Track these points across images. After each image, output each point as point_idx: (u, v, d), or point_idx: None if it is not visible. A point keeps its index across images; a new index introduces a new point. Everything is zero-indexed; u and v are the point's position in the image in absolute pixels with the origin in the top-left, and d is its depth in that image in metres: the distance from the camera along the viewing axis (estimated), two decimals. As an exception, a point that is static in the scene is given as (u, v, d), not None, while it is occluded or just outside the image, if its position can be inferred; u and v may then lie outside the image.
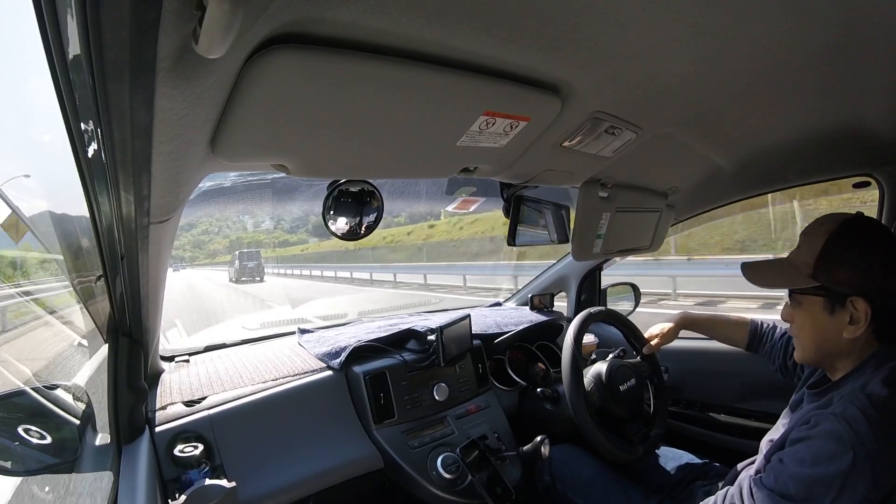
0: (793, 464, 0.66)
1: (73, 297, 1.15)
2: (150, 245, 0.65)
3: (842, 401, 0.67)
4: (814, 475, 0.63)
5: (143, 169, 0.48)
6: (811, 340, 0.77)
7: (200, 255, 31.43)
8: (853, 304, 0.71)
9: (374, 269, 15.01)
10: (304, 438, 1.07)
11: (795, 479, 0.64)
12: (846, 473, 0.61)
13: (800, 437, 0.68)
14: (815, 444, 0.65)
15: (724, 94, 0.75)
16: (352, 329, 1.44)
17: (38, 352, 1.39)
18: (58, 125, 0.45)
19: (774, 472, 0.67)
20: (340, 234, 0.83)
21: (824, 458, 0.63)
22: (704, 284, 6.49)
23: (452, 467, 1.10)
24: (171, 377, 1.14)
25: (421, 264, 14.71)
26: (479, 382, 1.35)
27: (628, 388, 1.19)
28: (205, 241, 33.22)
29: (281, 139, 0.57)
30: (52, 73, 0.39)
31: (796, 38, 0.58)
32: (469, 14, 0.45)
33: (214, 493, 0.80)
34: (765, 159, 1.11)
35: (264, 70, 0.43)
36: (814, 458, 0.64)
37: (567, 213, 1.20)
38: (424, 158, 0.75)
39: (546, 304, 1.79)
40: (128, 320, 0.81)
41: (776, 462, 0.69)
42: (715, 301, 6.28)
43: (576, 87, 0.64)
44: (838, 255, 0.72)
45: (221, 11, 0.28)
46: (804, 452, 0.65)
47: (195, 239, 33.22)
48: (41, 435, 0.71)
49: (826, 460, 0.62)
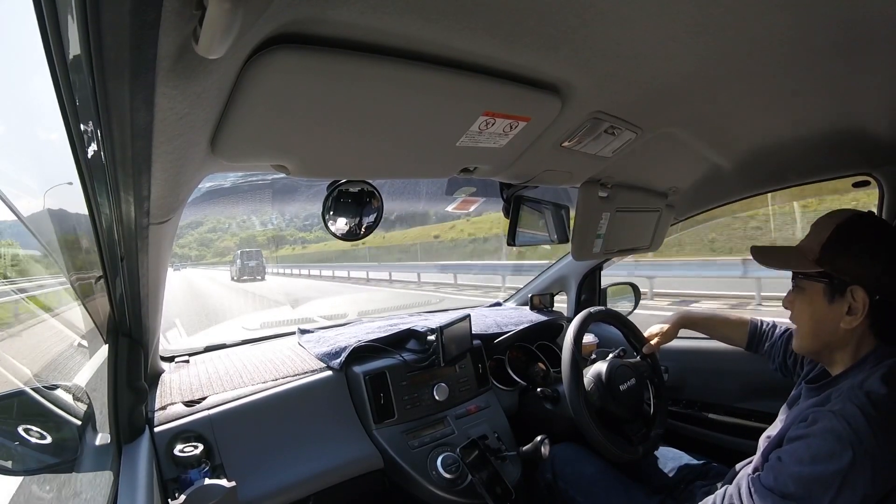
0: (792, 463, 0.66)
1: (72, 297, 1.15)
2: (150, 245, 0.65)
3: (840, 398, 0.67)
4: (813, 474, 0.63)
5: (143, 169, 0.48)
6: (809, 328, 0.78)
7: (209, 254, 31.05)
8: (852, 294, 0.72)
9: (394, 268, 14.82)
10: (305, 438, 1.07)
11: (795, 478, 0.64)
12: (846, 472, 0.61)
13: (798, 434, 0.68)
14: (815, 442, 0.65)
15: (723, 93, 0.75)
16: (352, 329, 1.44)
17: (38, 352, 1.39)
18: (58, 125, 0.45)
19: (773, 472, 0.67)
20: (340, 234, 0.83)
21: (823, 456, 0.63)
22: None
23: (452, 467, 1.10)
24: (171, 377, 1.14)
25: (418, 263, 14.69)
26: (479, 382, 1.35)
27: (628, 388, 1.19)
28: (212, 240, 32.84)
29: (281, 139, 0.57)
30: (52, 74, 0.39)
31: (796, 37, 0.58)
32: (469, 14, 0.45)
33: (214, 493, 0.80)
34: (765, 159, 1.11)
35: (264, 70, 0.43)
36: (813, 456, 0.64)
37: (567, 213, 1.20)
38: (424, 158, 0.75)
39: (546, 304, 1.79)
40: (128, 320, 0.81)
41: (775, 461, 0.69)
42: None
43: (576, 87, 0.64)
44: (843, 245, 0.74)
45: (221, 11, 0.28)
46: (803, 451, 0.65)
47: (202, 237, 32.91)
48: (41, 435, 0.71)
49: (825, 459, 0.62)
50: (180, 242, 32.14)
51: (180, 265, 23.95)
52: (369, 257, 18.73)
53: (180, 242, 32.14)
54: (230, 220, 29.67)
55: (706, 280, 6.62)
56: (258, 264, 15.81)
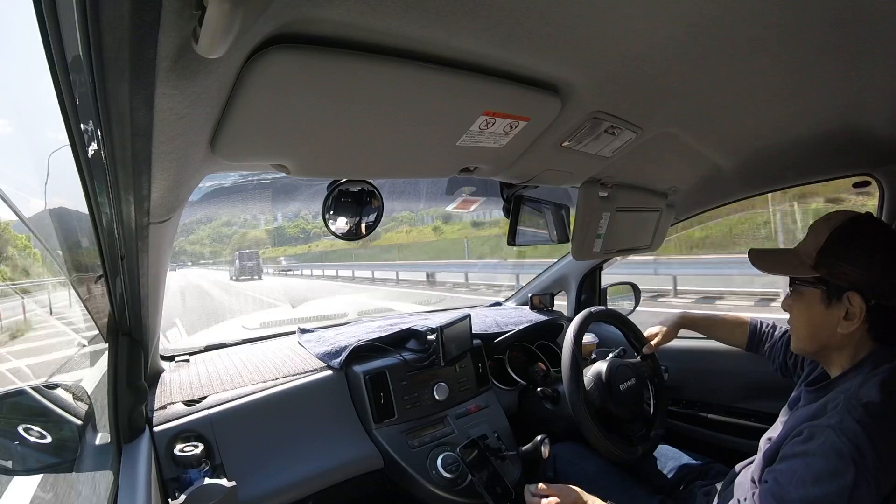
0: (794, 485, 0.64)
1: (72, 297, 1.15)
2: (151, 245, 0.65)
3: (837, 411, 0.66)
4: (817, 496, 0.62)
5: (143, 169, 0.48)
6: (806, 331, 0.78)
7: (225, 250, 30.24)
8: (849, 300, 0.71)
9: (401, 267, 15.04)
10: (305, 438, 1.07)
11: (800, 502, 0.63)
12: (851, 489, 0.60)
13: (795, 452, 0.67)
14: (815, 462, 0.63)
15: (723, 93, 0.74)
16: (352, 329, 1.44)
17: (38, 351, 1.39)
18: (58, 125, 0.45)
19: (774, 497, 0.66)
20: (340, 234, 0.83)
21: (826, 475, 0.62)
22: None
23: (452, 467, 1.10)
24: (171, 377, 1.14)
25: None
26: (479, 382, 1.35)
27: (628, 388, 1.19)
28: (228, 235, 32.22)
29: (281, 139, 0.57)
30: (52, 73, 0.39)
31: (796, 37, 0.58)
32: (469, 14, 0.45)
33: (214, 493, 0.80)
34: (765, 159, 1.11)
35: (264, 70, 0.43)
36: (815, 476, 0.63)
37: (567, 213, 1.20)
38: (424, 158, 0.75)
39: (546, 304, 1.79)
40: (128, 320, 0.81)
41: (773, 483, 0.67)
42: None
43: (576, 87, 0.64)
44: (840, 250, 0.73)
45: (221, 11, 0.28)
46: (803, 471, 0.64)
47: (215, 232, 32.30)
48: (41, 434, 0.71)
49: (828, 478, 0.62)
50: (190, 239, 31.82)
51: (177, 265, 23.68)
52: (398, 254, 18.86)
53: (190, 239, 31.82)
54: (261, 216, 29.04)
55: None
56: (255, 264, 17.09)
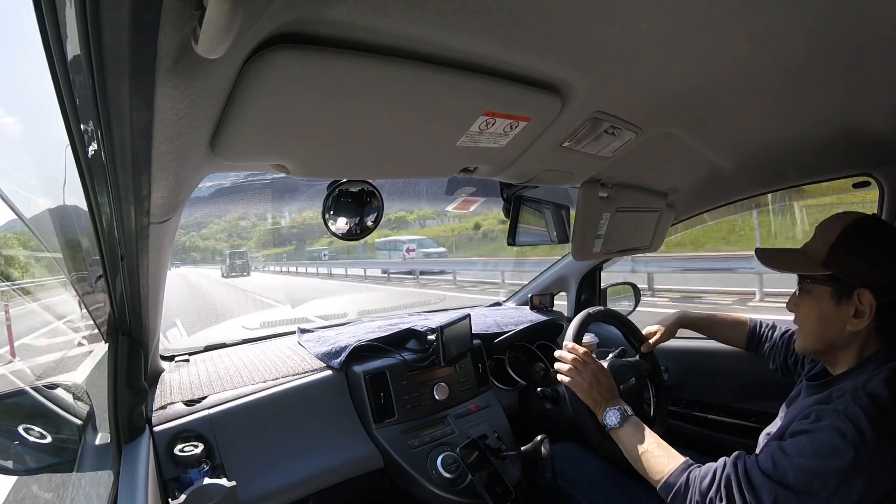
0: (793, 453, 0.66)
1: (72, 297, 1.15)
2: (150, 245, 0.65)
3: (843, 398, 0.67)
4: (813, 467, 0.63)
5: (143, 169, 0.48)
6: (814, 330, 0.78)
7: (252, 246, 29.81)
8: (859, 297, 0.71)
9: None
10: (304, 438, 1.07)
11: (794, 469, 0.64)
12: (845, 471, 0.61)
13: (801, 429, 0.68)
14: (819, 437, 0.65)
15: (724, 94, 0.74)
16: (352, 329, 1.44)
17: (38, 351, 1.39)
18: (58, 125, 0.45)
19: (773, 458, 0.67)
20: (340, 234, 0.83)
21: (825, 452, 0.63)
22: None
23: (452, 467, 1.10)
24: (171, 377, 1.14)
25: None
26: (479, 382, 1.35)
27: (628, 388, 1.19)
28: (248, 228, 31.62)
29: (281, 139, 0.57)
30: (52, 73, 0.39)
31: (796, 38, 0.58)
32: (469, 14, 0.45)
33: (214, 493, 0.80)
34: (765, 159, 1.11)
35: (264, 70, 0.43)
36: (815, 450, 0.64)
37: (567, 213, 1.20)
38: (424, 158, 0.75)
39: (546, 304, 1.79)
40: (128, 320, 0.81)
41: (775, 448, 0.68)
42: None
43: (576, 87, 0.64)
44: (851, 246, 0.73)
45: (221, 11, 0.28)
46: (805, 444, 0.65)
47: (231, 226, 31.88)
48: (41, 434, 0.71)
49: (827, 455, 0.63)
50: (202, 234, 31.59)
51: (172, 264, 23.99)
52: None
53: (202, 234, 31.59)
54: (282, 214, 28.74)
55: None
56: (244, 262, 18.84)
